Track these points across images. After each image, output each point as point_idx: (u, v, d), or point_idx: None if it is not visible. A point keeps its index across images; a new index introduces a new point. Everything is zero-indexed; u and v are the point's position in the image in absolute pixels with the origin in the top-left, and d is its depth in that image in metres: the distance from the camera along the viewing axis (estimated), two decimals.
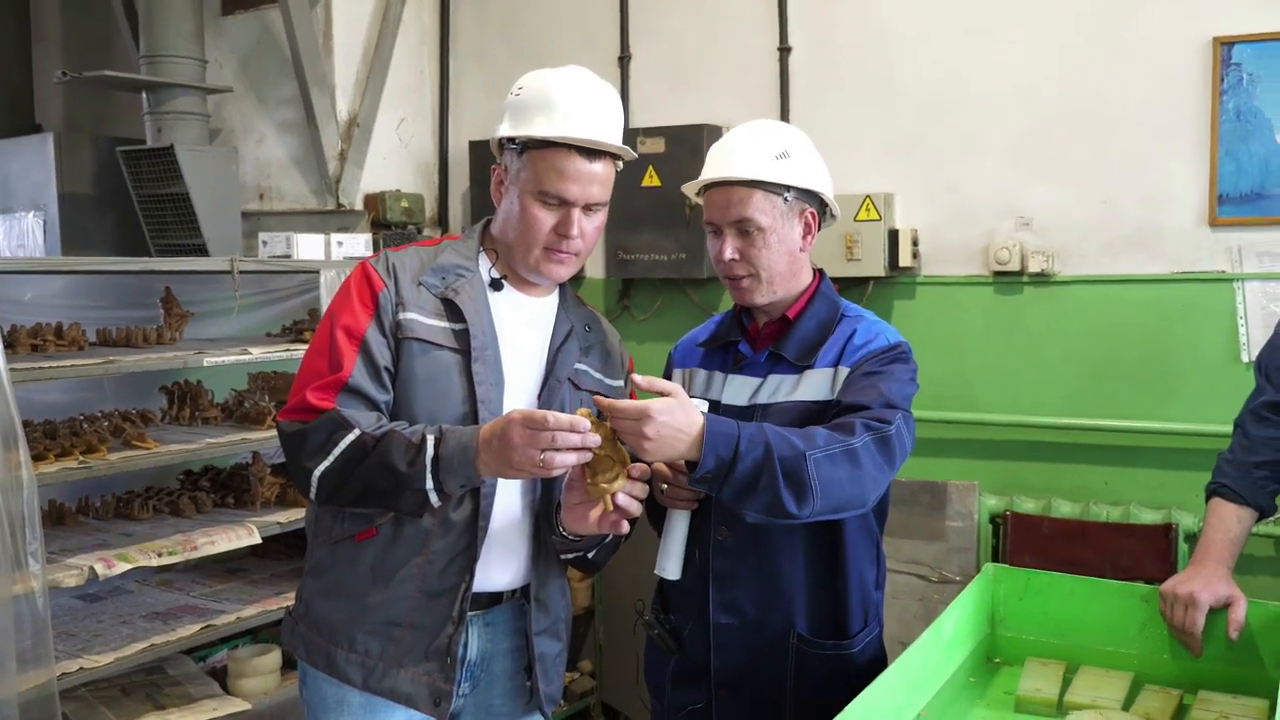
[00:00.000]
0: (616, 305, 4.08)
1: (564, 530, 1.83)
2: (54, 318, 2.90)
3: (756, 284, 1.93)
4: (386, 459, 1.69)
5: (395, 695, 1.82)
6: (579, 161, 1.79)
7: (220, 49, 4.21)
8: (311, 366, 1.80)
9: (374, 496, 1.74)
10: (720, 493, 1.68)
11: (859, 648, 1.97)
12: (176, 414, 3.14)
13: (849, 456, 1.71)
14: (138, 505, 3.00)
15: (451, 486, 1.71)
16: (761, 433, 1.67)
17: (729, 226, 1.91)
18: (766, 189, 1.89)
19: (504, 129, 1.84)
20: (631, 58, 4.01)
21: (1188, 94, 3.14)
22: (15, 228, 4.56)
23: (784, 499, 1.66)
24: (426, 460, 1.68)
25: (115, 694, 2.84)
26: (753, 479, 1.65)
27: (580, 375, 1.94)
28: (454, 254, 1.88)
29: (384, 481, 1.70)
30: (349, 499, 1.76)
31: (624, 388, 2.03)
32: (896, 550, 3.40)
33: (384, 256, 1.86)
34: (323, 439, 1.73)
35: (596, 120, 1.81)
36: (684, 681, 2.02)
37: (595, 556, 1.93)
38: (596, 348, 1.98)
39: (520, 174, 1.82)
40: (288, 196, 4.15)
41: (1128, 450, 3.27)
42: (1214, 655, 1.98)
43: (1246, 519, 2.10)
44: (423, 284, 1.82)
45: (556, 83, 1.83)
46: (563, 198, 1.79)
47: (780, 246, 1.91)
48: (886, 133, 3.56)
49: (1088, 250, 3.31)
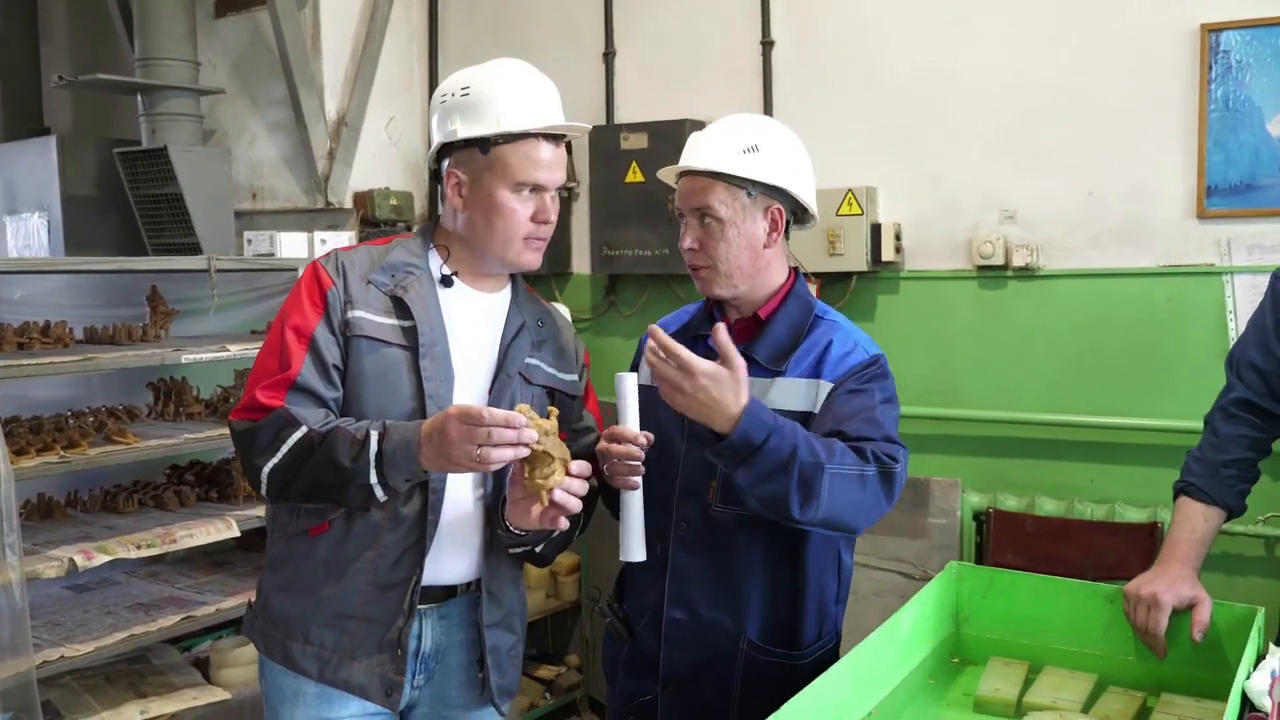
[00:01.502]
0: (603, 301, 4.09)
1: (509, 525, 1.84)
2: (50, 316, 2.96)
3: (715, 275, 1.93)
4: (332, 455, 1.72)
5: (349, 686, 1.85)
6: (547, 149, 1.84)
7: (214, 51, 4.25)
8: (262, 365, 1.83)
9: (321, 492, 1.77)
10: (735, 471, 1.70)
11: (810, 659, 1.95)
12: (162, 410, 3.18)
13: (860, 481, 1.74)
14: (123, 499, 3.05)
15: (396, 481, 1.73)
16: (793, 432, 1.69)
17: (691, 214, 1.93)
18: (730, 182, 1.89)
19: (461, 130, 1.83)
20: (616, 54, 4.01)
21: (1175, 83, 3.10)
22: (21, 229, 4.64)
23: (791, 499, 1.68)
24: (370, 456, 1.70)
25: (99, 682, 2.89)
26: (771, 471, 1.67)
27: (532, 370, 1.94)
28: (403, 252, 1.90)
29: (330, 477, 1.73)
30: (298, 494, 1.79)
31: (578, 382, 2.04)
32: (878, 547, 3.39)
33: (334, 255, 1.89)
34: (270, 436, 1.75)
35: (551, 106, 1.86)
36: (634, 671, 2.03)
37: (543, 551, 1.94)
38: (549, 342, 1.99)
39: (488, 171, 1.83)
40: (279, 195, 4.18)
41: (1114, 447, 3.23)
42: (1178, 657, 1.95)
43: (1214, 518, 2.07)
44: (372, 282, 1.84)
45: (507, 76, 1.86)
46: (538, 185, 1.83)
47: (740, 240, 1.90)
48: (870, 126, 3.54)
49: (1073, 243, 3.27)
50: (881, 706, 1.88)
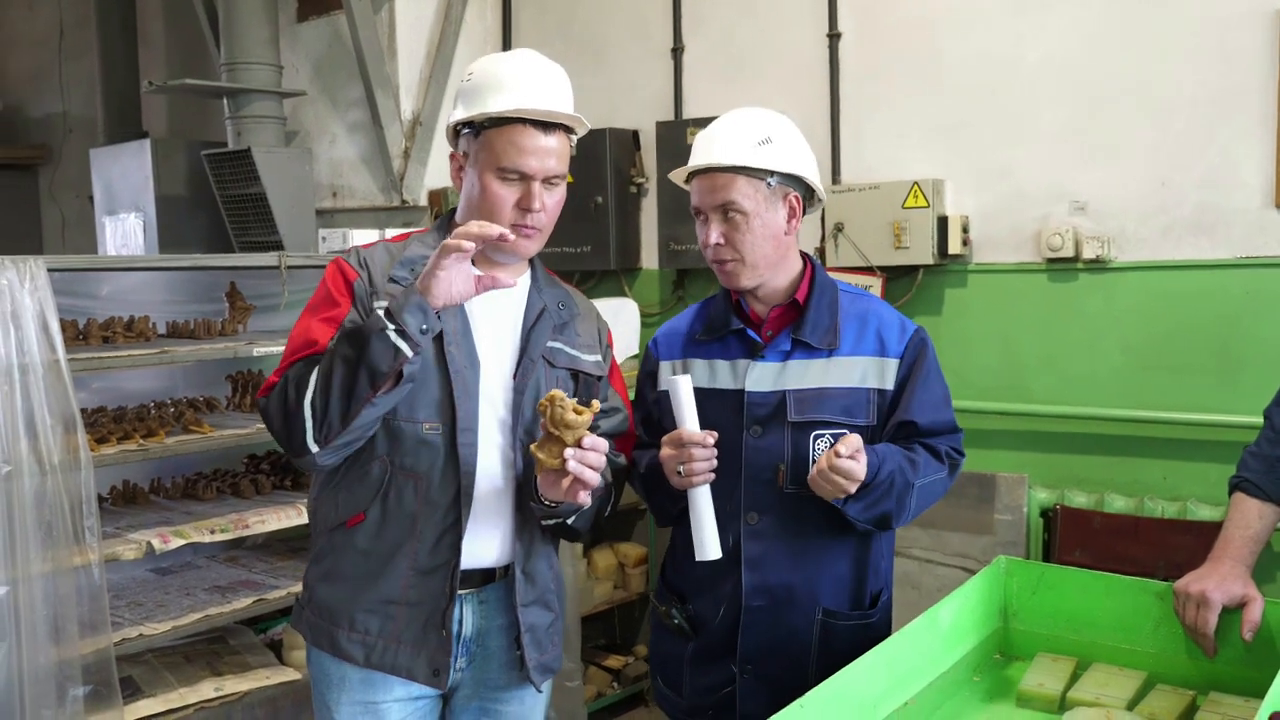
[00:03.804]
0: (671, 296, 4.11)
1: (539, 496, 1.88)
2: (138, 311, 3.08)
3: (741, 267, 1.97)
4: (345, 330, 1.75)
5: (395, 669, 1.90)
6: (534, 135, 1.85)
7: (296, 54, 4.41)
8: (290, 346, 1.87)
9: (353, 378, 1.72)
10: (847, 505, 1.88)
11: (878, 615, 2.05)
12: (239, 401, 3.31)
13: (941, 485, 2.00)
14: (202, 486, 3.18)
15: (411, 327, 1.71)
16: (892, 461, 1.89)
17: (713, 211, 1.96)
18: (750, 174, 1.93)
19: (457, 114, 1.89)
20: (684, 49, 4.03)
21: (1251, 69, 2.99)
22: (119, 228, 4.88)
23: (891, 518, 1.93)
24: (380, 312, 1.73)
25: (178, 660, 3.02)
26: (876, 500, 1.88)
27: (555, 353, 1.98)
28: (420, 245, 1.94)
29: (352, 349, 1.72)
30: (339, 408, 1.74)
31: (602, 362, 2.07)
32: (943, 543, 3.34)
33: (355, 251, 1.93)
34: (300, 376, 1.77)
35: (545, 93, 1.87)
36: (705, 664, 2.05)
37: (575, 523, 1.98)
38: (571, 325, 2.02)
39: (479, 155, 1.87)
40: (358, 194, 4.31)
41: (1188, 444, 3.13)
42: (1229, 657, 1.91)
43: (1269, 515, 2.00)
44: (393, 278, 1.88)
45: (505, 63, 1.90)
46: (522, 172, 1.85)
47: (764, 230, 1.95)
48: (936, 117, 3.50)
49: (1146, 235, 3.18)
50: (919, 698, 1.87)
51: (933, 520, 3.37)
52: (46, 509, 2.45)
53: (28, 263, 2.44)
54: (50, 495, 2.46)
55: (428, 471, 1.86)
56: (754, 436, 1.97)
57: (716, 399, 1.98)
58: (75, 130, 6.14)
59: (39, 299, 2.45)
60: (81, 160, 5.48)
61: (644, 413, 2.13)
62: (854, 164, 3.68)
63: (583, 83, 3.86)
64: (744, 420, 1.97)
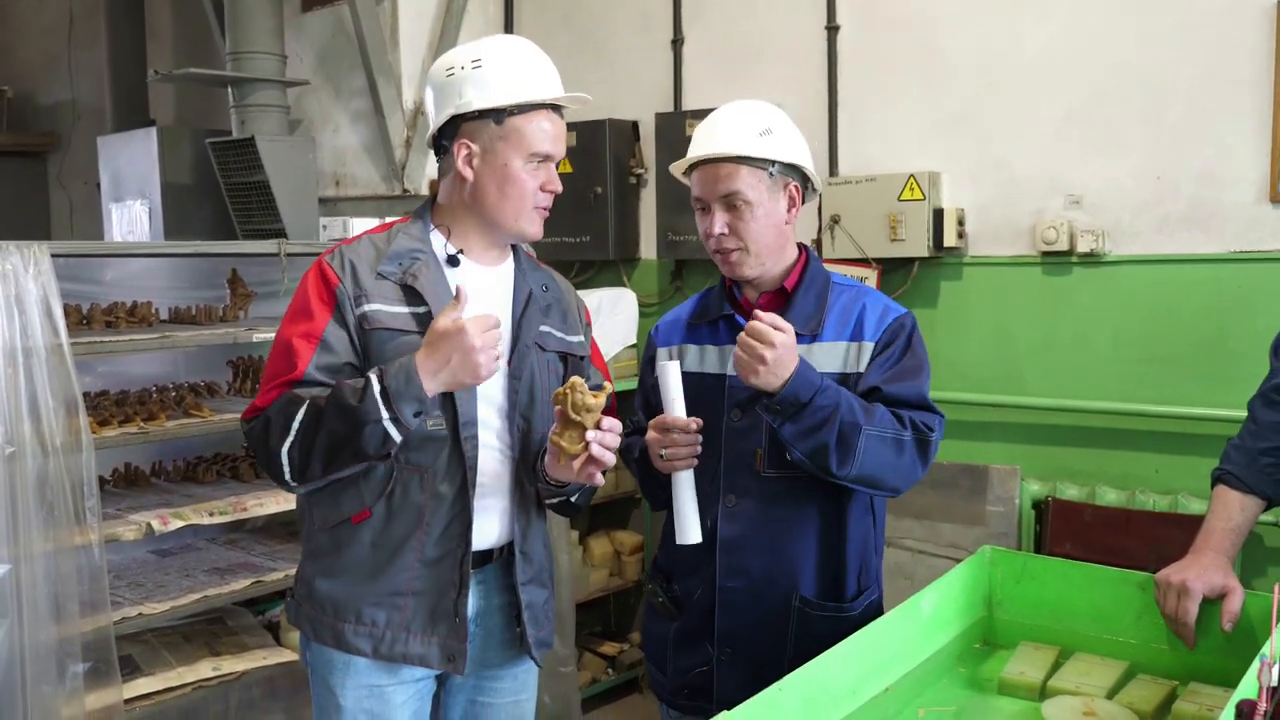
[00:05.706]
0: (669, 286, 4.14)
1: (548, 479, 1.92)
2: (141, 297, 3.12)
3: (745, 257, 2.00)
4: (339, 402, 1.75)
5: (408, 659, 1.91)
6: (557, 120, 1.93)
7: (300, 44, 4.44)
8: (272, 367, 1.88)
9: (338, 448, 1.77)
10: (783, 425, 1.84)
11: (859, 610, 2.04)
12: (240, 386, 3.35)
13: (897, 445, 1.89)
14: (202, 469, 3.23)
15: (405, 414, 1.74)
16: (836, 393, 1.84)
17: (717, 202, 1.98)
18: (752, 164, 1.96)
19: (476, 102, 1.87)
20: (684, 41, 4.05)
21: (1247, 62, 3.00)
22: (126, 215, 4.91)
23: (830, 455, 1.84)
24: (375, 392, 1.73)
25: (177, 640, 3.06)
26: (814, 427, 1.82)
27: (545, 338, 2.01)
28: (406, 238, 1.94)
29: (343, 426, 1.74)
30: (319, 465, 1.79)
31: (584, 342, 2.11)
32: (935, 534, 3.37)
33: (338, 252, 1.91)
34: (282, 420, 1.79)
35: (557, 80, 1.94)
36: (687, 646, 2.08)
37: (578, 500, 2.03)
38: (555, 305, 2.05)
39: (503, 141, 1.88)
40: (360, 183, 4.35)
41: (1180, 437, 3.15)
42: (1210, 647, 1.92)
43: (1251, 508, 2.02)
44: (381, 274, 1.88)
45: (517, 49, 1.93)
46: (550, 155, 1.91)
47: (767, 220, 1.99)
48: (933, 110, 3.51)
49: (1140, 229, 3.19)
50: (899, 684, 1.89)
51: (925, 511, 3.39)
52: (48, 490, 2.49)
53: (32, 248, 2.48)
54: (52, 476, 2.49)
55: (433, 464, 1.89)
56: (734, 420, 2.00)
57: (702, 383, 2.03)
58: (84, 118, 6.18)
59: (43, 284, 2.48)
60: (89, 148, 5.51)
61: (644, 398, 2.18)
62: (851, 156, 3.70)
63: (583, 74, 3.96)
64: (725, 404, 2.00)
